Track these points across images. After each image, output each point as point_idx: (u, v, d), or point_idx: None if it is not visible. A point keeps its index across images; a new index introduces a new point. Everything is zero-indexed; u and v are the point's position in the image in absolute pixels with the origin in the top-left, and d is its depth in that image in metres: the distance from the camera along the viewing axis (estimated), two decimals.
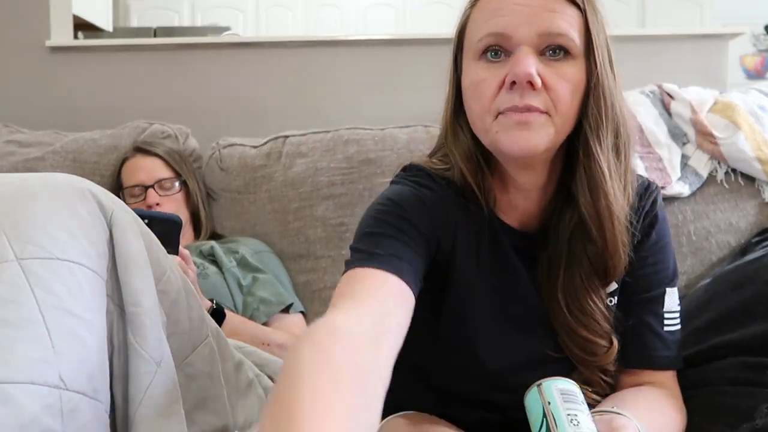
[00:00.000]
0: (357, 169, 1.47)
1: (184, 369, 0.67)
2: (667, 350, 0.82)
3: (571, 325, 0.77)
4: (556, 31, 0.68)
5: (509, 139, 0.69)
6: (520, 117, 0.68)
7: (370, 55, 1.96)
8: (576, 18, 0.70)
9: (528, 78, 0.67)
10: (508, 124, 0.69)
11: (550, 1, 0.69)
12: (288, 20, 4.95)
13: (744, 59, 4.42)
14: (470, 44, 0.74)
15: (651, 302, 0.82)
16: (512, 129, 0.68)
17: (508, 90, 0.68)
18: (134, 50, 2.00)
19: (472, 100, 0.73)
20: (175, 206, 1.45)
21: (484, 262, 0.79)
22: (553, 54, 0.69)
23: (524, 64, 0.67)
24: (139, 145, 1.52)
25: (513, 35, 0.69)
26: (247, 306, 1.30)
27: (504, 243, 0.79)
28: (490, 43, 0.70)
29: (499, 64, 0.70)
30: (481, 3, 0.74)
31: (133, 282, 0.59)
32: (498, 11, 0.70)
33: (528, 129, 0.68)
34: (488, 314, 0.80)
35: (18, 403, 0.48)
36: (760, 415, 0.81)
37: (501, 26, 0.69)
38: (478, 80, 0.71)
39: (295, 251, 1.49)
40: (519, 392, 0.74)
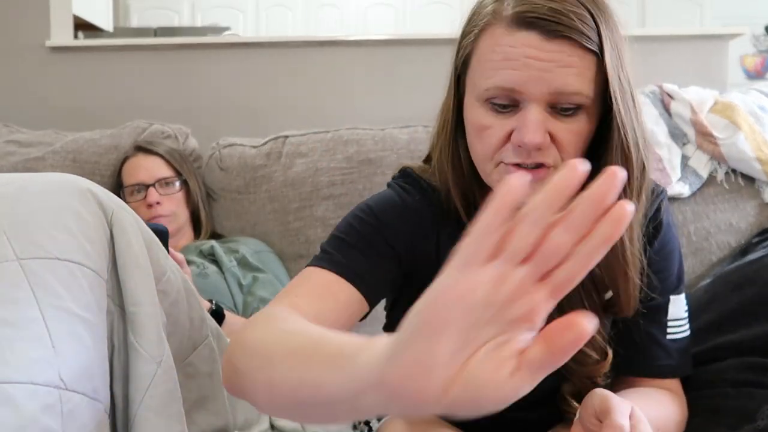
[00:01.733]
0: (357, 169, 1.47)
1: (185, 369, 0.67)
2: (670, 359, 0.80)
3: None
4: (570, 90, 0.63)
5: None
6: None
7: (370, 55, 1.96)
8: (592, 65, 0.64)
9: (536, 147, 0.64)
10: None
11: (564, 53, 0.62)
12: (288, 20, 4.96)
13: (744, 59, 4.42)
14: (474, 82, 0.68)
15: (654, 311, 0.78)
16: None
17: (515, 147, 0.66)
18: (134, 50, 2.00)
19: (474, 140, 0.70)
20: (175, 205, 1.45)
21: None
22: (565, 111, 0.65)
23: (533, 132, 0.63)
24: (140, 144, 1.52)
25: (523, 92, 0.64)
26: (247, 306, 1.30)
27: None
28: (498, 95, 0.65)
29: (507, 114, 0.66)
30: (489, 36, 0.66)
31: (133, 282, 0.59)
32: (508, 62, 0.63)
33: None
34: None
35: (18, 403, 0.48)
36: (762, 416, 0.81)
37: (511, 82, 0.64)
38: (482, 126, 0.67)
39: (295, 251, 1.49)
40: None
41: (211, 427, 0.72)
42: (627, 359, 0.78)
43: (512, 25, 0.63)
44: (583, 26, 0.62)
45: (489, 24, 0.66)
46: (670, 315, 0.79)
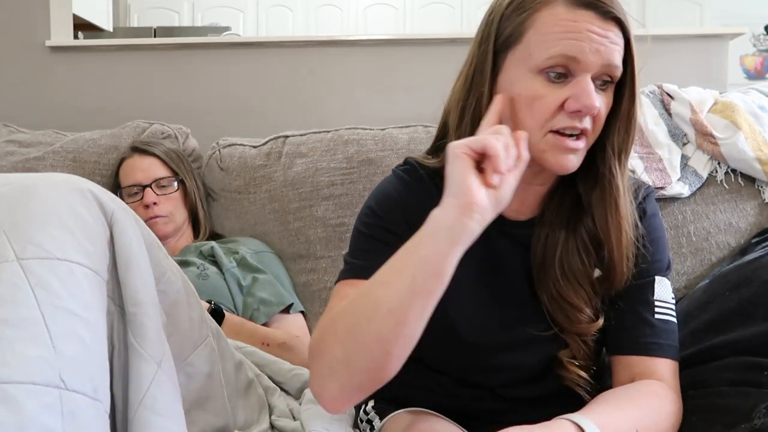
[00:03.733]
0: (357, 169, 1.47)
1: (185, 369, 0.67)
2: (659, 338, 0.82)
3: (561, 292, 0.80)
4: (615, 64, 0.73)
5: (556, 160, 0.75)
6: (570, 143, 0.74)
7: (370, 55, 1.96)
8: (623, 46, 0.74)
9: (594, 111, 0.72)
10: (559, 147, 0.74)
11: (611, 32, 0.72)
12: (288, 20, 4.96)
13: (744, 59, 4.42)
14: (529, 53, 0.74)
15: (640, 289, 0.83)
16: (561, 152, 0.74)
17: (568, 114, 0.73)
18: (134, 50, 2.00)
19: (523, 111, 0.75)
20: (172, 206, 1.45)
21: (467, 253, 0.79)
22: (603, 84, 0.75)
23: (593, 98, 0.71)
24: (136, 145, 1.52)
25: (583, 61, 0.71)
26: (247, 306, 1.30)
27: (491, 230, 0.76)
28: (559, 64, 0.72)
29: (560, 84, 0.73)
30: (550, 14, 0.73)
31: (133, 282, 0.59)
32: (573, 33, 0.71)
33: (574, 153, 0.75)
34: (468, 295, 0.83)
35: (18, 403, 0.48)
36: (759, 415, 0.81)
37: (575, 51, 0.71)
38: (536, 96, 0.73)
39: (295, 251, 1.49)
40: (506, 372, 0.83)
41: (210, 427, 0.72)
42: (617, 338, 0.83)
43: (573, 3, 0.72)
44: (623, 12, 0.73)
45: (546, 3, 0.73)
46: (657, 295, 0.83)
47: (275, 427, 0.85)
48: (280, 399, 0.90)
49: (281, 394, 0.92)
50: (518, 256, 0.84)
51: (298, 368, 1.01)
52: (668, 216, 1.39)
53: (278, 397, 0.90)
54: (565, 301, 0.80)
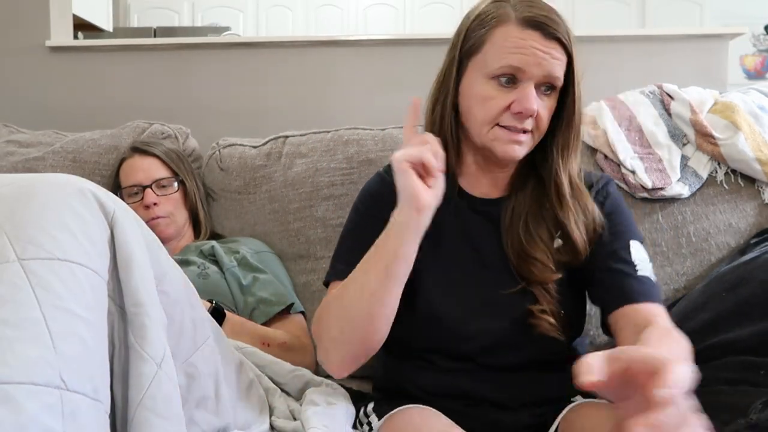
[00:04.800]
0: (357, 169, 1.47)
1: (185, 369, 0.67)
2: (645, 287, 0.90)
3: (525, 249, 0.94)
4: (555, 75, 0.88)
5: (502, 149, 0.91)
6: (514, 136, 0.90)
7: (370, 55, 1.96)
8: (565, 62, 0.89)
9: (533, 113, 0.88)
10: (504, 138, 0.91)
11: (554, 49, 0.88)
12: (288, 20, 4.96)
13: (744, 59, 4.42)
14: (485, 62, 0.90)
15: (617, 252, 0.94)
16: (506, 143, 0.91)
17: (512, 114, 0.89)
18: (134, 50, 2.00)
19: (476, 108, 0.92)
20: (173, 206, 1.45)
21: (443, 225, 0.94)
22: (545, 90, 0.90)
23: (532, 102, 0.87)
24: (136, 145, 1.52)
25: (527, 72, 0.87)
26: (247, 306, 1.30)
27: (465, 207, 0.99)
28: (507, 73, 0.88)
29: (508, 89, 0.89)
30: (503, 32, 0.89)
31: (133, 282, 0.59)
32: (520, 48, 0.87)
33: (518, 144, 0.91)
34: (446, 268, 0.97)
35: (18, 404, 0.48)
36: (755, 410, 0.81)
37: (521, 63, 0.87)
38: (488, 97, 0.90)
39: (295, 252, 1.49)
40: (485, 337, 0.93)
41: (211, 427, 0.72)
42: (609, 296, 0.92)
43: (522, 24, 0.88)
44: (565, 34, 0.88)
45: (502, 22, 0.89)
46: (634, 257, 0.93)
47: (275, 428, 0.85)
48: (280, 400, 0.90)
49: (282, 395, 0.92)
50: (488, 229, 0.98)
51: (298, 369, 1.01)
52: (668, 216, 1.39)
53: (279, 397, 0.90)
54: (529, 255, 0.93)
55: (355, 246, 0.91)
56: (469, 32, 0.93)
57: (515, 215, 0.96)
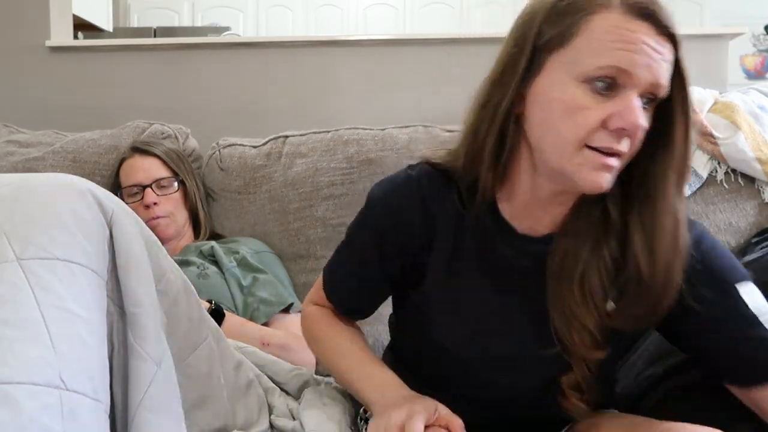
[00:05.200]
0: (357, 169, 1.47)
1: (184, 369, 0.67)
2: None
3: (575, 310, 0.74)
4: (663, 84, 0.67)
5: (589, 177, 0.68)
6: (608, 161, 0.68)
7: (370, 55, 1.96)
8: (672, 68, 0.69)
9: (637, 131, 0.67)
10: (595, 163, 0.68)
11: (667, 49, 0.67)
12: (288, 20, 4.96)
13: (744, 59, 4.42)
14: (577, 59, 0.67)
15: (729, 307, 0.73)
16: (596, 169, 0.68)
17: (609, 131, 0.67)
18: (134, 50, 2.00)
19: (560, 121, 0.69)
20: (173, 206, 1.45)
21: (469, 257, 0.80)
22: (647, 102, 0.69)
23: (638, 116, 0.66)
24: (136, 145, 1.52)
25: (634, 76, 0.66)
26: (247, 306, 1.30)
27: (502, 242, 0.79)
28: (608, 75, 0.66)
29: (605, 98, 0.67)
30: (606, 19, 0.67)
31: (133, 282, 0.59)
32: (628, 44, 0.65)
33: (608, 172, 0.69)
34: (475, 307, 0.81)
35: (18, 404, 0.48)
36: None
37: (629, 63, 0.65)
38: (578, 107, 0.67)
39: (295, 251, 1.49)
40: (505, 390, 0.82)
41: (210, 427, 0.72)
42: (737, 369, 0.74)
43: (630, 12, 0.66)
44: (677, 29, 0.68)
45: (602, 7, 0.67)
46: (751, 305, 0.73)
47: (275, 427, 0.85)
48: (279, 399, 0.90)
49: (281, 394, 0.92)
50: (529, 271, 0.78)
51: (297, 368, 1.01)
52: None
53: (278, 397, 0.90)
54: (577, 320, 0.74)
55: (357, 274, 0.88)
56: (548, 19, 0.70)
57: (567, 265, 0.75)
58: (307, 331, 0.94)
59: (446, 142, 1.49)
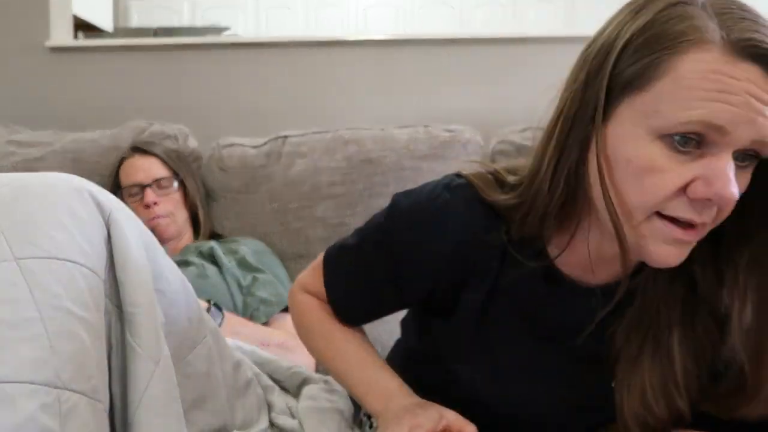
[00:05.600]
0: (357, 169, 1.47)
1: (183, 369, 0.67)
2: None
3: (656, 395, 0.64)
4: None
5: (657, 251, 0.57)
6: (683, 236, 0.56)
7: (370, 55, 1.96)
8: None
9: (730, 204, 0.54)
10: (665, 235, 0.56)
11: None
12: (288, 20, 4.96)
13: None
14: (657, 108, 0.54)
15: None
16: (666, 243, 0.56)
17: (690, 200, 0.54)
18: (134, 50, 2.00)
19: (630, 182, 0.56)
20: (173, 206, 1.45)
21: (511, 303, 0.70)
22: (743, 160, 0.55)
23: (732, 185, 0.52)
24: (136, 145, 1.52)
25: (731, 133, 0.52)
26: (247, 306, 1.30)
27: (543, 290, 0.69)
28: (696, 131, 0.52)
29: (687, 157, 0.54)
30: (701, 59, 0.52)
31: (130, 282, 0.59)
32: (727, 95, 0.51)
33: (683, 247, 0.57)
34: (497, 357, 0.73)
35: (16, 403, 0.48)
36: None
37: (724, 119, 0.51)
38: (653, 168, 0.54)
39: (295, 251, 1.49)
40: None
41: (209, 426, 0.72)
42: None
43: (735, 52, 0.51)
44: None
45: (697, 44, 0.52)
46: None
47: (274, 425, 0.85)
48: (279, 397, 0.89)
49: (280, 392, 0.91)
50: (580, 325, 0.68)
51: (296, 366, 1.01)
52: None
53: (277, 395, 0.90)
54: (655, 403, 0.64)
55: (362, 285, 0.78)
56: (627, 52, 0.56)
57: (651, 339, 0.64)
58: (298, 321, 0.85)
59: (446, 141, 1.48)
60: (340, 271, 0.80)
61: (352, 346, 0.80)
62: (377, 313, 0.83)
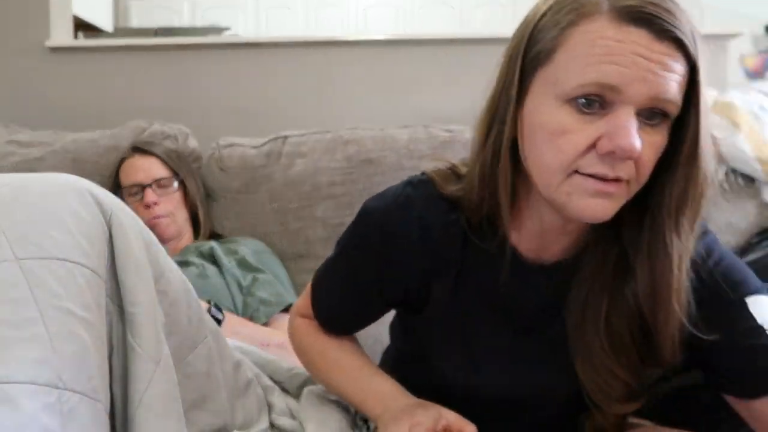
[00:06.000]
0: (357, 169, 1.47)
1: (183, 369, 0.67)
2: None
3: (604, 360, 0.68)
4: (668, 97, 0.58)
5: (582, 206, 0.61)
6: (603, 187, 0.60)
7: (370, 55, 1.96)
8: (686, 75, 0.60)
9: (633, 154, 0.58)
10: (586, 189, 0.61)
11: (671, 57, 0.57)
12: (288, 20, 4.96)
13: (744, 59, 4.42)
14: (557, 77, 0.60)
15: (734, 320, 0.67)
16: (589, 196, 0.61)
17: (600, 155, 0.59)
18: (134, 50, 2.00)
19: (545, 146, 0.62)
20: (173, 206, 1.45)
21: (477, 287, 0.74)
22: (650, 118, 0.59)
23: (632, 137, 0.57)
24: (136, 145, 1.52)
25: (623, 92, 0.57)
26: (247, 306, 1.30)
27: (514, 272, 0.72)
28: (592, 93, 0.58)
29: (592, 117, 0.59)
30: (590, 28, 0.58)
31: (131, 282, 0.59)
32: (612, 55, 0.57)
33: (606, 198, 0.61)
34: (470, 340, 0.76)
35: (17, 403, 0.48)
36: None
37: (615, 78, 0.57)
38: (562, 130, 0.60)
39: (295, 251, 1.49)
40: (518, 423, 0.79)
41: (209, 426, 0.72)
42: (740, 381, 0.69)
43: (620, 18, 0.57)
44: (689, 32, 0.58)
45: (586, 15, 0.59)
46: (760, 318, 0.66)
47: (275, 426, 0.85)
48: (279, 398, 0.90)
49: (280, 393, 0.92)
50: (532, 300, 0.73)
51: (297, 367, 1.01)
52: None
53: (277, 396, 0.90)
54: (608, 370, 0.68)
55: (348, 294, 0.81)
56: (537, 32, 0.62)
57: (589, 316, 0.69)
58: (296, 344, 0.89)
59: (446, 141, 1.48)
60: (326, 284, 0.84)
61: (345, 355, 0.83)
62: (364, 317, 0.85)
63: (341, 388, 0.81)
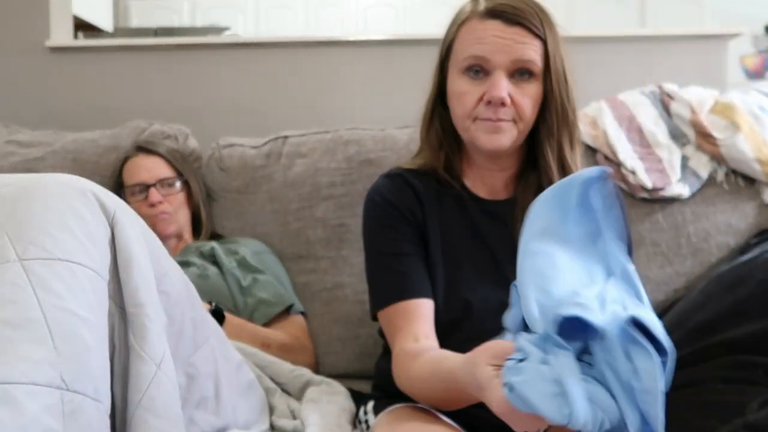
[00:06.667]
0: (357, 169, 1.47)
1: (186, 369, 0.67)
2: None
3: None
4: (525, 59, 0.88)
5: (484, 140, 0.91)
6: (492, 125, 0.90)
7: (370, 55, 1.96)
8: (539, 47, 0.89)
9: (501, 101, 0.88)
10: (484, 128, 0.90)
11: (520, 35, 0.88)
12: (288, 20, 4.96)
13: (744, 59, 4.42)
14: (456, 59, 0.93)
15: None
16: (486, 132, 0.90)
17: (485, 105, 0.89)
18: (134, 50, 2.00)
19: (455, 105, 0.93)
20: (176, 205, 1.45)
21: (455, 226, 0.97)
22: (521, 76, 0.90)
23: (499, 89, 0.87)
24: (140, 144, 1.52)
25: (491, 60, 0.89)
26: (247, 307, 1.30)
27: (473, 209, 0.98)
28: (472, 64, 0.90)
29: (479, 81, 0.90)
30: (467, 26, 0.92)
31: (134, 282, 0.59)
32: (480, 39, 0.89)
33: (498, 133, 0.90)
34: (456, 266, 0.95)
35: (19, 404, 0.48)
36: (751, 410, 0.81)
37: (482, 52, 0.89)
38: (462, 92, 0.91)
39: (295, 252, 1.49)
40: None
41: (211, 427, 0.72)
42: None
43: (484, 16, 0.90)
44: (533, 18, 0.89)
45: (468, 18, 0.92)
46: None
47: (276, 427, 0.85)
48: (281, 399, 0.90)
49: (282, 395, 0.92)
50: (500, 230, 0.97)
51: (298, 369, 1.01)
52: (668, 217, 1.39)
53: (279, 397, 0.90)
54: None
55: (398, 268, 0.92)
56: (447, 34, 0.96)
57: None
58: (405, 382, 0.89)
59: None
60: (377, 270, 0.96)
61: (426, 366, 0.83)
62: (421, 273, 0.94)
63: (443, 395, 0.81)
